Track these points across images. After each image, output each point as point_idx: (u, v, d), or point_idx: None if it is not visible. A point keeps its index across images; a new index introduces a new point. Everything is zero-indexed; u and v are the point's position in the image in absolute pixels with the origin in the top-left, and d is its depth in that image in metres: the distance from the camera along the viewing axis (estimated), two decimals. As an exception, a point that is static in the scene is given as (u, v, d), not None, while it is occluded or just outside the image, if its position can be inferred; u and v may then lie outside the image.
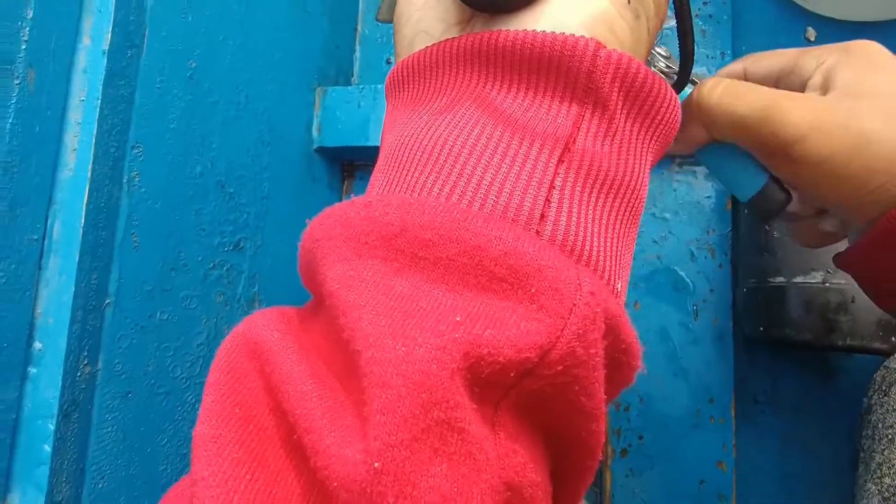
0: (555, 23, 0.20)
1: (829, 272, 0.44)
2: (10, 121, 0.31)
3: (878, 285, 0.31)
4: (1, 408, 0.31)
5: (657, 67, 0.31)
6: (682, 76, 0.28)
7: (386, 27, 0.64)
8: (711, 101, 0.28)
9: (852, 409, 0.43)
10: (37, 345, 0.32)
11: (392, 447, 0.14)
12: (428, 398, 0.14)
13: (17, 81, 0.32)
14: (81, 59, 0.35)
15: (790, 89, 0.29)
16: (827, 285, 0.44)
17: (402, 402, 0.14)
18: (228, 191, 0.45)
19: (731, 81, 0.29)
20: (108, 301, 0.35)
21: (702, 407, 0.52)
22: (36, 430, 0.32)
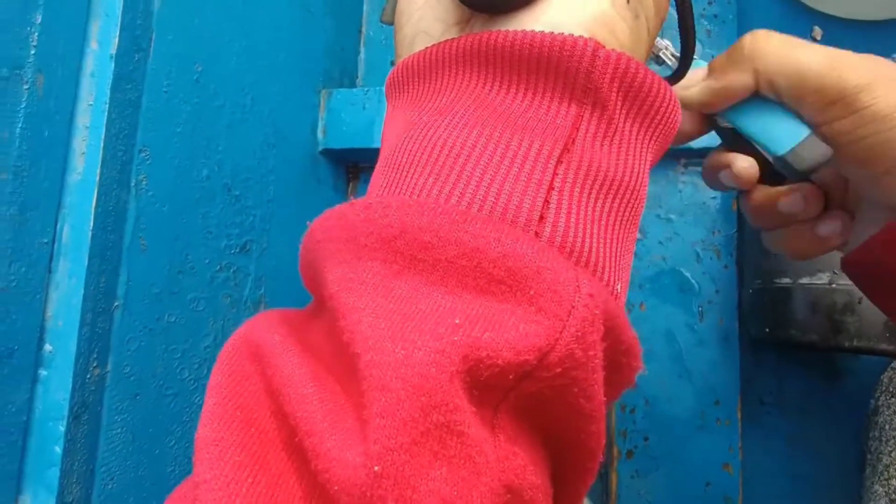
0: (554, 23, 0.20)
1: (836, 273, 0.44)
2: (20, 125, 0.32)
3: (887, 286, 0.31)
4: (12, 410, 0.31)
5: (663, 55, 0.30)
6: (681, 68, 0.28)
7: (390, 29, 0.64)
8: (771, 45, 0.28)
9: (859, 411, 0.43)
10: (47, 347, 0.33)
11: (392, 451, 0.14)
12: (427, 401, 0.15)
13: (26, 86, 0.32)
14: (89, 63, 0.35)
15: None
16: (833, 286, 0.44)
17: (401, 405, 0.14)
18: (235, 193, 0.45)
19: (785, 35, 0.28)
20: (116, 304, 0.35)
21: (707, 408, 0.52)
22: (47, 432, 0.32)
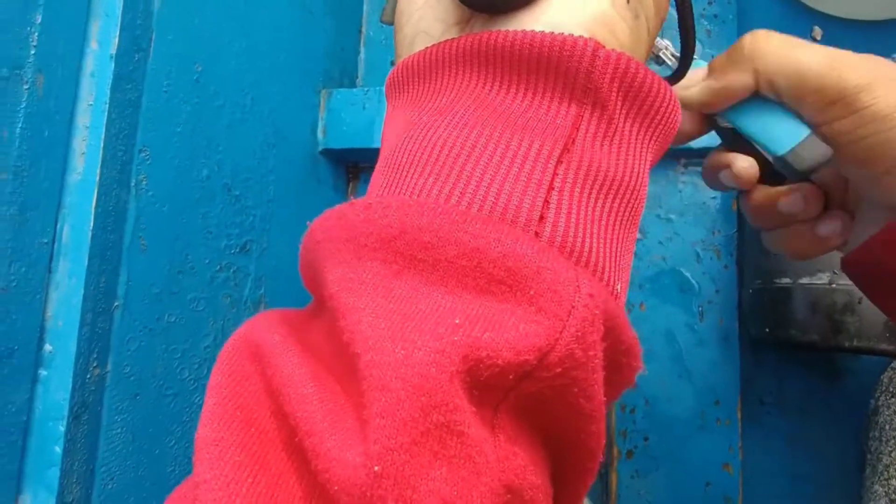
0: (554, 23, 0.20)
1: (836, 273, 0.44)
2: (20, 125, 0.32)
3: (887, 286, 0.31)
4: (12, 410, 0.31)
5: (663, 55, 0.30)
6: (681, 68, 0.28)
7: (390, 29, 0.64)
8: (770, 45, 0.28)
9: (859, 411, 0.43)
10: (47, 347, 0.33)
11: (392, 451, 0.14)
12: (427, 401, 0.15)
13: (26, 86, 0.32)
14: (89, 63, 0.35)
15: None
16: (833, 286, 0.44)
17: (401, 405, 0.14)
18: (235, 193, 0.45)
19: (785, 35, 0.28)
20: (116, 304, 0.35)
21: (707, 408, 0.52)
22: (47, 432, 0.32)
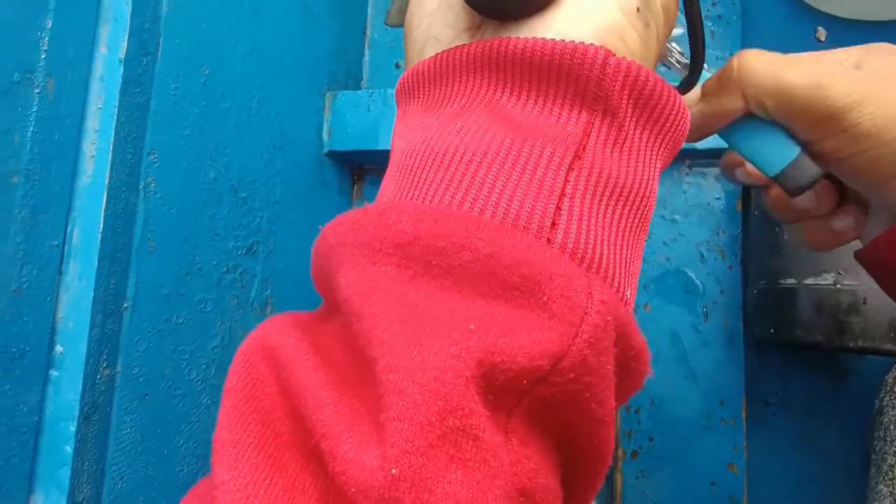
0: (565, 31, 0.20)
1: (841, 273, 0.44)
2: (31, 129, 0.32)
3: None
4: (24, 410, 0.32)
5: (671, 59, 0.31)
6: (692, 76, 0.28)
7: (394, 32, 0.65)
8: (758, 67, 0.28)
9: (864, 411, 0.43)
10: (58, 348, 0.33)
11: (409, 454, 0.14)
12: (443, 406, 0.15)
13: (37, 90, 0.32)
14: (98, 67, 0.35)
15: None
16: (838, 287, 0.44)
17: (418, 409, 0.15)
18: (241, 195, 0.45)
19: (774, 53, 0.28)
20: (126, 305, 0.36)
21: (712, 409, 0.52)
22: (58, 432, 0.32)
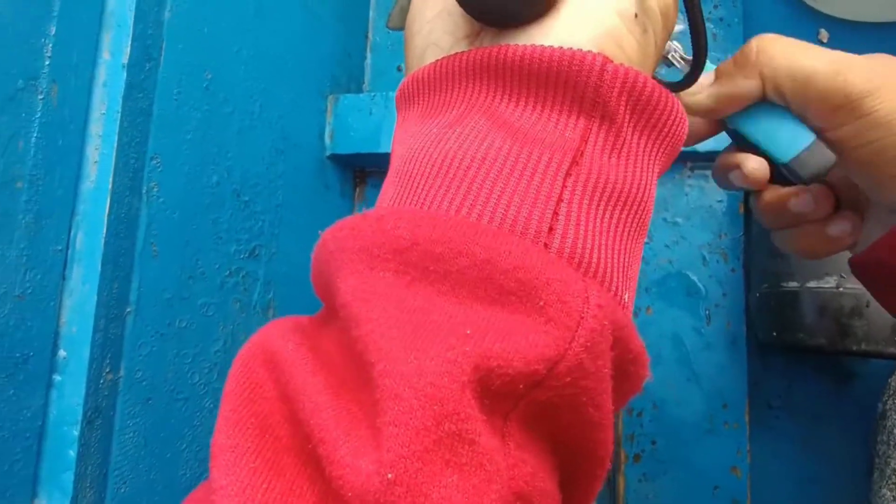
0: (563, 38, 0.20)
1: (843, 276, 0.44)
2: (35, 135, 0.32)
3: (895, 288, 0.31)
4: (27, 415, 0.32)
5: (672, 58, 0.30)
6: (694, 71, 0.28)
7: (396, 35, 0.65)
8: (777, 49, 0.28)
9: (867, 414, 0.43)
10: (61, 353, 0.33)
11: (405, 458, 0.14)
12: (440, 410, 0.15)
13: (41, 97, 0.33)
14: (102, 73, 0.36)
15: None
16: (841, 290, 0.44)
17: (414, 414, 0.15)
18: (244, 199, 0.45)
19: (791, 39, 0.28)
20: (129, 309, 0.36)
21: (715, 412, 0.52)
22: (61, 437, 0.32)
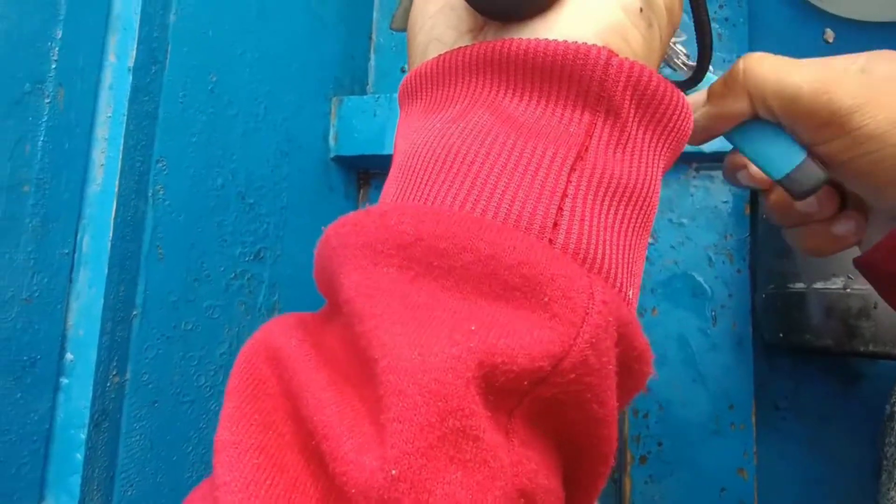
0: (567, 32, 0.20)
1: (850, 277, 0.44)
2: (42, 138, 0.32)
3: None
4: (35, 418, 0.32)
5: (676, 62, 0.31)
6: (697, 73, 0.28)
7: (400, 36, 0.65)
8: (763, 69, 0.28)
9: (875, 416, 0.43)
10: (68, 356, 0.33)
11: (409, 455, 0.14)
12: (444, 407, 0.15)
13: (47, 100, 0.33)
14: (108, 76, 0.36)
15: None
16: (848, 291, 0.44)
17: (418, 410, 0.15)
18: (249, 201, 0.46)
19: (780, 56, 0.28)
20: (135, 312, 0.36)
21: (722, 413, 0.51)
22: (68, 440, 0.32)
